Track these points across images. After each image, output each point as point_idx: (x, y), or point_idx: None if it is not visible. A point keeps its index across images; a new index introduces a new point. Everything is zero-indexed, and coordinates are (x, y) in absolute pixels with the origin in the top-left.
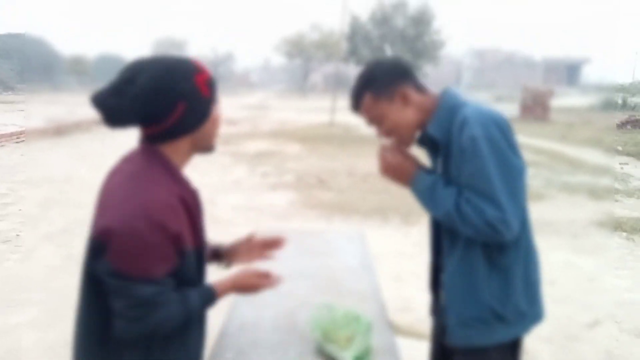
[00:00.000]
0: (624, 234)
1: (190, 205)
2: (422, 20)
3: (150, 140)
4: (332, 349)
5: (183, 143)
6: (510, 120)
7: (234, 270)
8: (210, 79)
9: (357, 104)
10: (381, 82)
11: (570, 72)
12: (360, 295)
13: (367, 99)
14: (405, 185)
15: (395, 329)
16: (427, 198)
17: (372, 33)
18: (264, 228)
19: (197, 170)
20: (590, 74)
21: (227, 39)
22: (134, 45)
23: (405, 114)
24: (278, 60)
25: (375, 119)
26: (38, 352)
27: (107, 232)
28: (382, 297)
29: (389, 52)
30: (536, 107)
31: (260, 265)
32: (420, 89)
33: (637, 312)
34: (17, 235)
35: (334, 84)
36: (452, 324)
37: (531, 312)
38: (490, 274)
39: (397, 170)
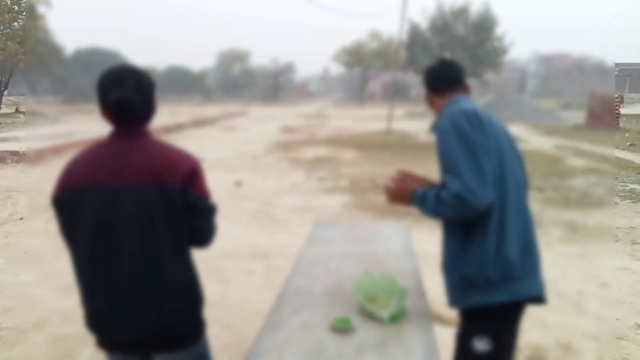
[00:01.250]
0: None
1: None
2: (483, 27)
3: (139, 123)
4: (372, 308)
5: (149, 124)
6: (480, 115)
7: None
8: None
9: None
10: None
11: None
12: (400, 273)
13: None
14: (409, 204)
15: (442, 320)
16: (421, 206)
17: (432, 41)
18: (315, 221)
19: (258, 174)
20: None
21: (287, 50)
22: (200, 57)
23: (436, 106)
24: (336, 69)
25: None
26: None
27: (192, 173)
28: (420, 274)
29: None
30: (605, 115)
31: (314, 249)
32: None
33: None
34: None
35: (392, 92)
36: (447, 290)
37: (505, 287)
38: (466, 247)
39: (398, 194)
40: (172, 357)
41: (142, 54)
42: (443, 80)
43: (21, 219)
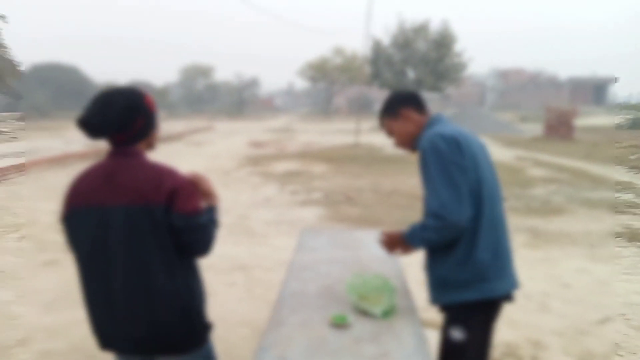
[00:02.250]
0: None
1: None
2: (443, 44)
3: (122, 144)
4: (365, 305)
5: (142, 144)
6: (458, 138)
7: None
8: (152, 100)
9: (380, 124)
10: (390, 106)
11: (597, 92)
12: (386, 275)
13: (385, 120)
14: (406, 245)
15: (427, 324)
16: (413, 242)
17: (394, 57)
18: (301, 230)
19: (231, 189)
20: (618, 93)
21: (252, 65)
22: (162, 72)
23: (405, 128)
24: (301, 84)
25: (389, 133)
26: None
27: (175, 192)
28: (404, 275)
29: (411, 75)
30: (560, 127)
31: (303, 256)
32: (421, 110)
33: None
34: None
35: (357, 106)
36: (428, 288)
37: (476, 286)
38: (444, 250)
39: (391, 242)
40: None
41: (102, 70)
42: (415, 98)
43: None
